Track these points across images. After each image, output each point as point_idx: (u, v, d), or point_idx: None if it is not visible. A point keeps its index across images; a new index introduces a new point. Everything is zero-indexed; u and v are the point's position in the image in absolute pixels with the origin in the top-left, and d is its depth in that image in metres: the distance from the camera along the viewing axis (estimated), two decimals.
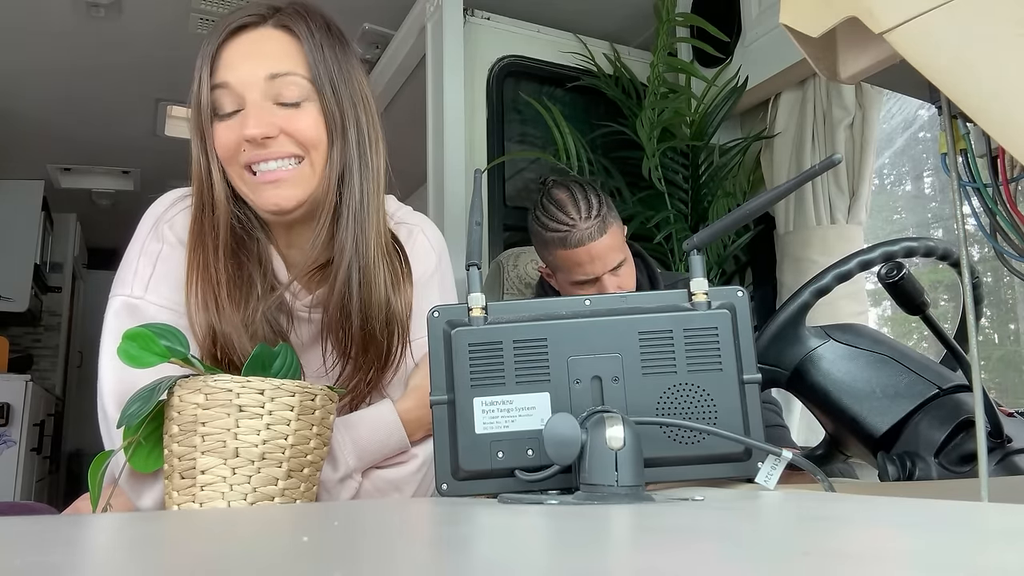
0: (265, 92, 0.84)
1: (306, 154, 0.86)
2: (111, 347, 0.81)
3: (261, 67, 0.84)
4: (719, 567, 0.30)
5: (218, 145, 0.85)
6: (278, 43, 0.86)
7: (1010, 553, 0.33)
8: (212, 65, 0.85)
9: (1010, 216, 0.64)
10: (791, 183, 0.70)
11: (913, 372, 1.00)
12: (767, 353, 1.08)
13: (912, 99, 1.03)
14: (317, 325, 0.92)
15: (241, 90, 0.84)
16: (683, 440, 0.66)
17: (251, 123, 0.83)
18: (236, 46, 0.86)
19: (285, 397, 0.70)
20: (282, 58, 0.85)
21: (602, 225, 1.41)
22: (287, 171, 0.85)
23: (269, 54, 0.85)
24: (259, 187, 0.85)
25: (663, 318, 0.67)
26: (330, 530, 0.44)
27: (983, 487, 0.60)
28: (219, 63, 0.85)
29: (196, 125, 0.86)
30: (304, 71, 0.85)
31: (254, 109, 0.84)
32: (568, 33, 2.38)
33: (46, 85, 3.07)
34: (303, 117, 0.85)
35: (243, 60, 0.85)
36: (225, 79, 0.85)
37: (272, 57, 0.85)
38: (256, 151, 0.84)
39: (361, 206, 0.89)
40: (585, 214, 1.41)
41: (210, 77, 0.85)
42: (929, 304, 0.82)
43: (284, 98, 0.85)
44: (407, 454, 0.91)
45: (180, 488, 0.70)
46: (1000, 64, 0.55)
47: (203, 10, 2.58)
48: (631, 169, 2.22)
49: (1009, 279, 1.48)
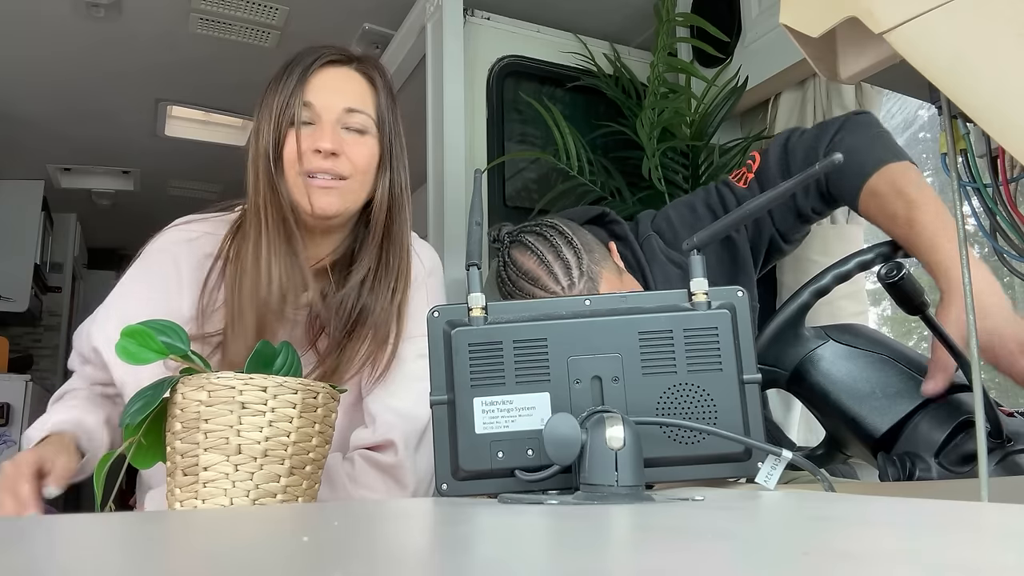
0: (339, 119, 1.02)
1: (352, 176, 1.02)
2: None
3: (343, 100, 1.02)
4: (719, 567, 0.30)
5: (289, 149, 1.00)
6: (358, 85, 1.05)
7: (1010, 553, 0.33)
8: (303, 86, 1.01)
9: (1010, 216, 0.64)
10: (791, 183, 0.70)
11: (913, 372, 1.00)
12: (767, 353, 1.08)
13: (912, 99, 1.03)
14: (301, 327, 1.05)
15: (321, 112, 1.01)
16: (683, 440, 0.66)
17: (328, 139, 0.99)
18: (325, 76, 1.04)
19: (287, 395, 0.70)
20: (359, 97, 1.04)
21: (591, 283, 1.08)
22: (339, 183, 1.01)
23: (350, 92, 1.04)
24: (315, 191, 1.00)
25: (663, 318, 0.67)
26: (330, 530, 0.44)
27: (983, 487, 0.60)
28: (308, 85, 1.02)
29: (273, 126, 1.00)
30: (371, 111, 1.05)
31: (330, 128, 1.01)
32: (568, 33, 2.38)
33: (46, 85, 3.07)
34: (364, 145, 1.03)
35: (328, 89, 1.03)
36: (311, 100, 1.01)
37: (352, 94, 1.04)
38: (320, 161, 1.00)
39: (401, 226, 1.07)
40: (566, 280, 1.07)
41: (300, 95, 1.01)
42: (929, 304, 0.82)
43: (353, 126, 1.03)
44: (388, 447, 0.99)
45: (183, 485, 0.70)
46: (1000, 64, 0.55)
47: (203, 10, 2.57)
48: (631, 169, 2.22)
49: (1009, 279, 1.49)
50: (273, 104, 1.01)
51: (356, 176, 1.02)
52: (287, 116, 1.00)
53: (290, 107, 1.00)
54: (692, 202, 1.28)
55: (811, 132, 1.19)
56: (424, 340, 1.02)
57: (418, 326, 1.04)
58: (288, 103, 1.00)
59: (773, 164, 1.20)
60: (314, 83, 1.02)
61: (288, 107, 1.00)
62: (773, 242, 1.25)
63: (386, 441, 0.97)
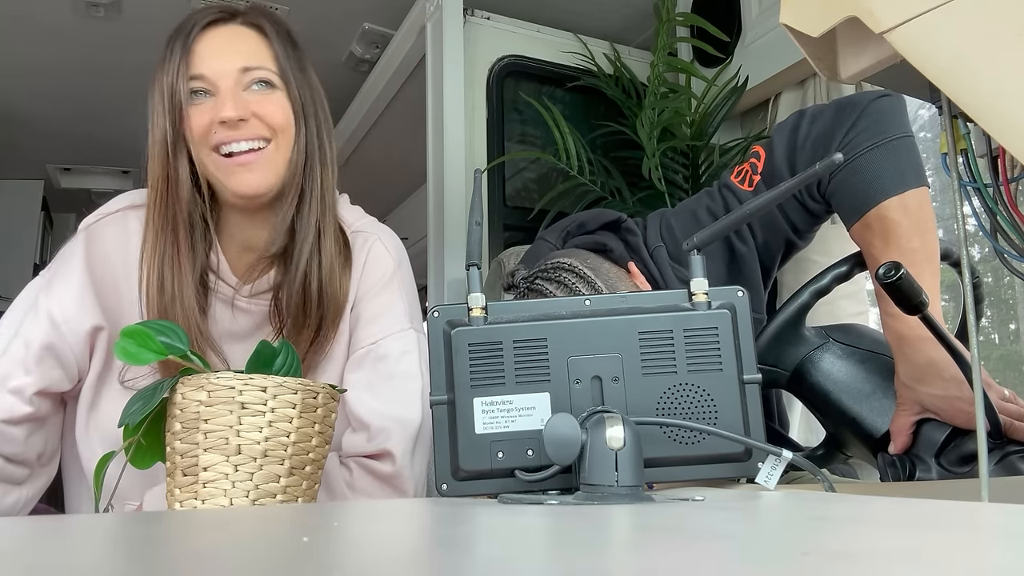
0: (238, 82, 0.92)
1: (273, 137, 0.94)
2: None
3: (235, 61, 0.93)
4: (719, 567, 0.30)
5: (192, 126, 0.91)
6: (249, 40, 0.95)
7: (1010, 553, 0.33)
8: (187, 58, 0.92)
9: (1010, 216, 0.64)
10: (792, 183, 0.69)
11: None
12: (767, 354, 1.08)
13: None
14: (256, 316, 0.99)
15: (216, 80, 0.92)
16: (683, 440, 0.66)
17: (228, 106, 0.90)
18: (210, 40, 0.94)
19: (287, 395, 0.70)
20: (254, 53, 0.94)
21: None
22: (256, 154, 0.92)
23: (242, 49, 0.94)
24: (232, 170, 0.92)
25: (663, 318, 0.67)
26: (330, 530, 0.44)
27: (983, 487, 0.60)
28: (193, 56, 0.92)
29: (166, 109, 0.91)
30: (272, 65, 0.95)
31: (229, 94, 0.91)
32: (568, 33, 2.38)
33: (46, 85, 3.07)
34: (273, 102, 0.94)
35: (218, 53, 0.93)
36: (200, 71, 0.92)
37: (245, 52, 0.94)
38: (228, 132, 0.91)
39: (323, 191, 0.98)
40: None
41: (186, 68, 0.91)
42: (928, 304, 0.82)
43: (255, 86, 0.93)
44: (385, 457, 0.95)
45: (182, 485, 0.70)
46: (1000, 64, 0.55)
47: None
48: (631, 169, 2.22)
49: (1009, 279, 1.49)
50: (163, 85, 0.92)
51: (277, 137, 0.94)
52: (178, 94, 0.91)
53: (179, 83, 0.91)
54: (694, 209, 1.22)
55: (824, 122, 1.07)
56: (409, 335, 1.03)
57: (398, 321, 1.02)
58: (175, 80, 0.91)
59: (780, 162, 1.11)
60: (200, 51, 0.93)
61: (175, 84, 0.91)
62: (789, 241, 1.17)
63: (383, 451, 0.93)
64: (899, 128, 1.03)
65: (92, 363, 0.97)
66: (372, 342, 1.00)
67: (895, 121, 1.03)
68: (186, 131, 0.91)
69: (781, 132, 1.12)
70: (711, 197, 1.20)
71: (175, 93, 0.91)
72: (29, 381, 0.92)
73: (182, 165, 0.92)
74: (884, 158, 1.01)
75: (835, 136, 1.05)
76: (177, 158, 0.92)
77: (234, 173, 0.92)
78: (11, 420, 0.91)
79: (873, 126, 1.02)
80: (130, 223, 0.98)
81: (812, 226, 1.17)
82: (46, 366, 0.93)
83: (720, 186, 1.20)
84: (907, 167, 1.01)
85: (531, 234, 2.19)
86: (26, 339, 0.92)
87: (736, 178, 1.17)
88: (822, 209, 1.12)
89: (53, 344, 0.93)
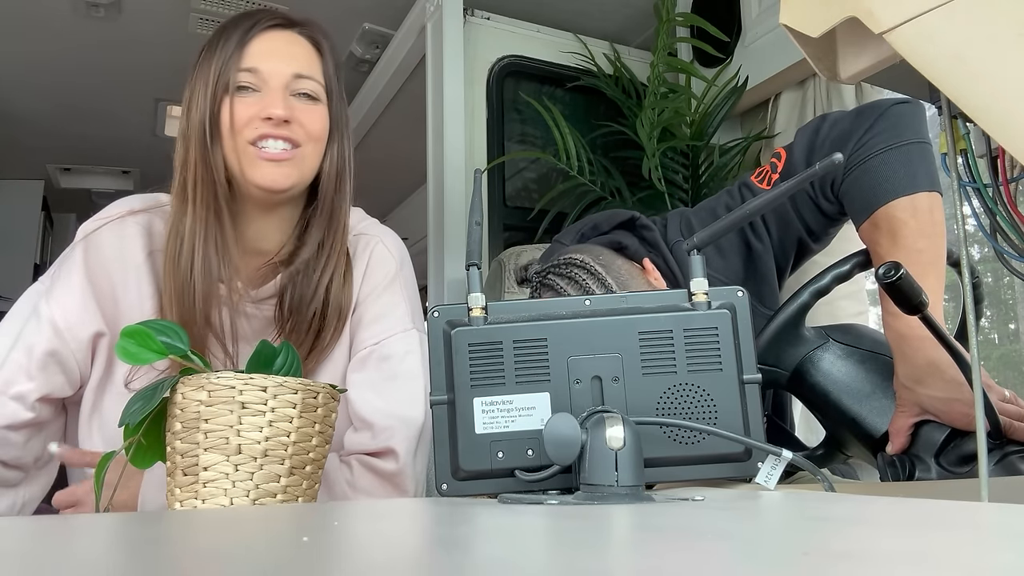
0: (287, 85, 0.95)
1: (306, 144, 0.96)
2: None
3: (290, 65, 0.96)
4: (719, 567, 0.30)
5: (235, 117, 0.93)
6: (305, 49, 0.99)
7: (1010, 553, 0.33)
8: (242, 50, 0.94)
9: (1010, 216, 0.64)
10: (792, 183, 0.69)
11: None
12: (767, 354, 1.08)
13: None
14: (259, 321, 1.00)
15: (268, 78, 0.94)
16: (683, 440, 0.66)
17: (278, 105, 0.93)
18: (269, 40, 0.97)
19: (287, 395, 0.70)
20: (307, 63, 0.98)
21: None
22: (288, 153, 0.94)
23: (298, 56, 0.97)
24: (260, 163, 0.93)
25: (663, 318, 0.67)
26: (330, 530, 0.44)
27: (983, 487, 0.60)
28: (249, 50, 0.95)
29: (210, 93, 0.93)
30: (321, 78, 0.98)
31: (279, 94, 0.94)
32: (568, 33, 2.38)
33: (46, 85, 3.07)
34: (315, 112, 0.97)
35: (275, 54, 0.96)
36: (255, 66, 0.94)
37: (300, 60, 0.97)
38: (270, 129, 0.93)
39: (344, 202, 1.02)
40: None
41: (239, 61, 0.94)
42: (928, 304, 0.82)
43: (303, 92, 0.96)
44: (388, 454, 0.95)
45: (183, 485, 0.70)
46: (1000, 64, 0.55)
47: (203, 10, 2.57)
48: (631, 169, 2.22)
49: (1009, 279, 1.49)
50: (209, 71, 0.93)
51: (309, 144, 0.96)
52: (223, 83, 0.93)
53: (227, 72, 0.93)
54: (714, 207, 1.22)
55: (843, 126, 1.08)
56: (412, 335, 1.04)
57: (401, 321, 1.03)
58: (226, 68, 0.93)
59: (799, 163, 1.11)
60: (257, 48, 0.95)
61: (225, 73, 0.93)
62: (802, 241, 1.17)
63: (387, 449, 0.94)
64: (915, 134, 1.04)
65: (94, 368, 0.97)
66: (375, 342, 1.01)
67: (912, 126, 1.04)
68: (221, 119, 0.93)
69: (802, 134, 1.13)
70: (731, 195, 1.21)
71: (223, 80, 0.93)
72: (32, 387, 0.92)
73: (217, 150, 0.94)
74: (897, 160, 1.02)
75: (852, 138, 1.06)
76: (214, 142, 0.93)
77: (262, 166, 0.93)
78: (13, 426, 0.91)
79: (890, 129, 1.03)
80: (128, 229, 0.98)
81: (826, 228, 1.17)
82: (49, 372, 0.93)
83: (740, 185, 1.20)
84: (920, 170, 1.01)
85: (531, 234, 2.19)
86: (28, 346, 0.93)
87: (756, 178, 1.18)
88: (835, 209, 1.12)
89: (56, 350, 0.93)
